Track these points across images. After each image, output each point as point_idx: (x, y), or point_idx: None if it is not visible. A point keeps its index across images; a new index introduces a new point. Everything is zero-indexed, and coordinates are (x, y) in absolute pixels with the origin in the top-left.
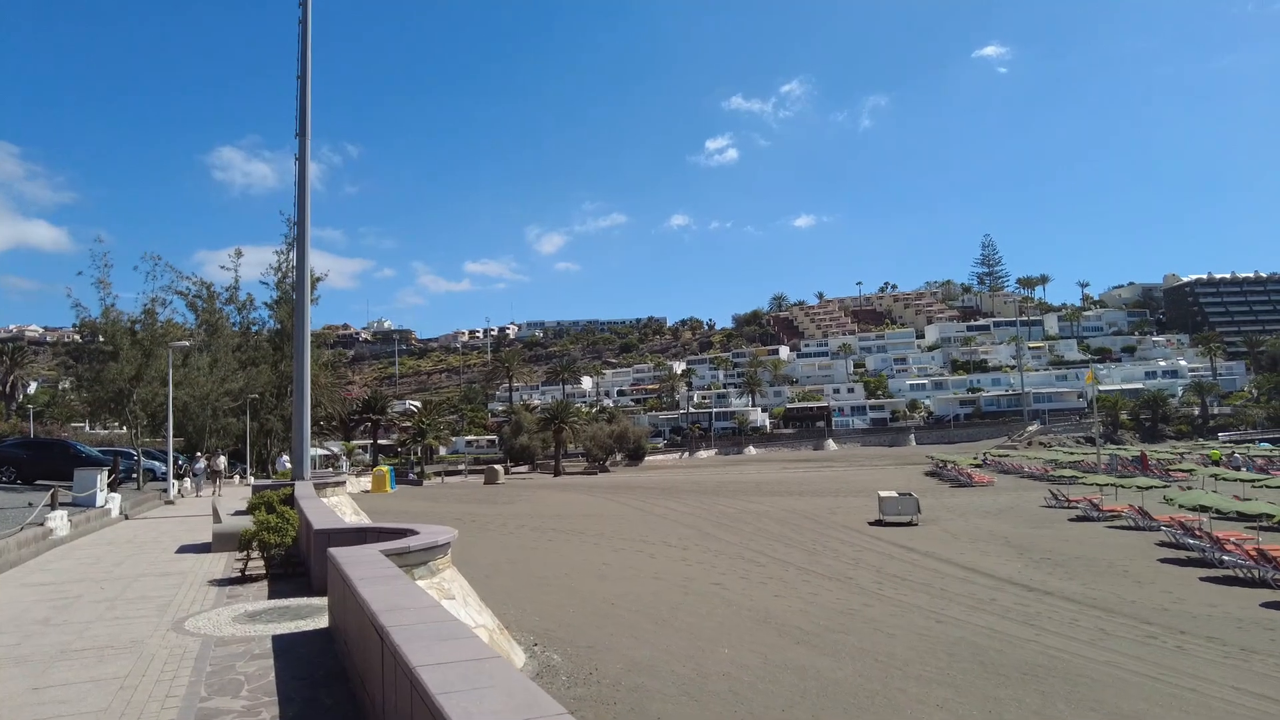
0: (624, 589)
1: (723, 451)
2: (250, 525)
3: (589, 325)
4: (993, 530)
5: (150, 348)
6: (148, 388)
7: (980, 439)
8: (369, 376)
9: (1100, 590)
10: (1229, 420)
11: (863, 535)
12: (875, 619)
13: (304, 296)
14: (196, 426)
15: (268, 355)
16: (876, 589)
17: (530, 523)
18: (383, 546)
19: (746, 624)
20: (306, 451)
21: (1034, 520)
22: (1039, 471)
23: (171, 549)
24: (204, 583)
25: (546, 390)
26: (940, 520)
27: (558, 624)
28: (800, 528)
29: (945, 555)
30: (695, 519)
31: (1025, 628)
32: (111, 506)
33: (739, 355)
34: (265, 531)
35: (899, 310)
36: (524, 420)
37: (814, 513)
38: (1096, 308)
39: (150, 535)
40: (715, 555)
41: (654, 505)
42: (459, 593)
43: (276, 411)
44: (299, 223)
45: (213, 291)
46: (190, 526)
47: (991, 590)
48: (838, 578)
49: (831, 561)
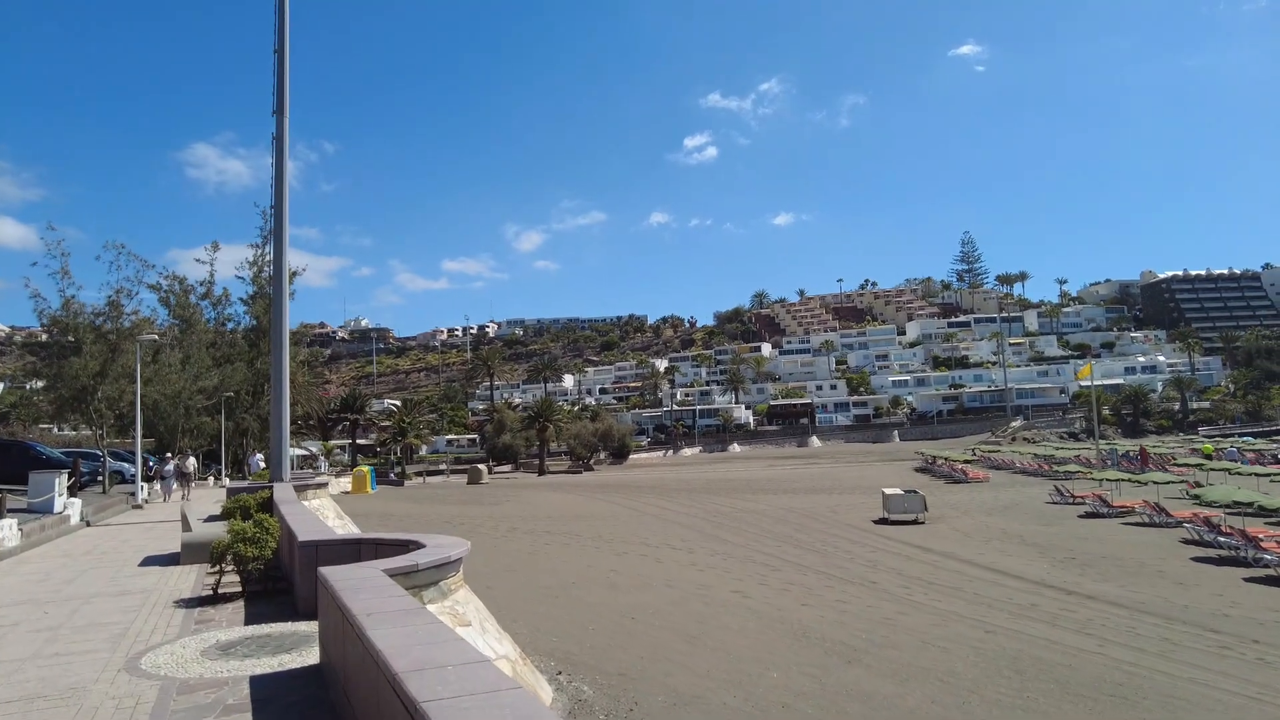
0: (639, 599)
1: (707, 449)
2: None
3: (569, 323)
4: (1004, 528)
5: (116, 342)
6: (114, 384)
7: (964, 435)
8: (346, 375)
9: (1142, 593)
10: (1208, 415)
11: (871, 534)
12: (918, 629)
13: (281, 284)
14: (168, 426)
15: (243, 352)
16: (905, 594)
17: (523, 525)
18: (386, 565)
19: (784, 639)
20: (286, 451)
21: (1042, 517)
22: (1032, 467)
23: (134, 561)
24: (169, 603)
25: (528, 388)
26: (946, 518)
27: (578, 645)
28: (804, 527)
29: (965, 555)
30: (693, 519)
31: (1083, 637)
32: (71, 513)
33: (721, 353)
34: (241, 543)
35: (880, 307)
36: (507, 419)
37: (814, 511)
38: (1075, 304)
39: (112, 544)
40: (725, 559)
41: (647, 505)
42: (475, 617)
43: (253, 410)
44: (276, 206)
45: (186, 286)
46: (158, 534)
47: (1028, 594)
48: (860, 582)
49: (847, 564)
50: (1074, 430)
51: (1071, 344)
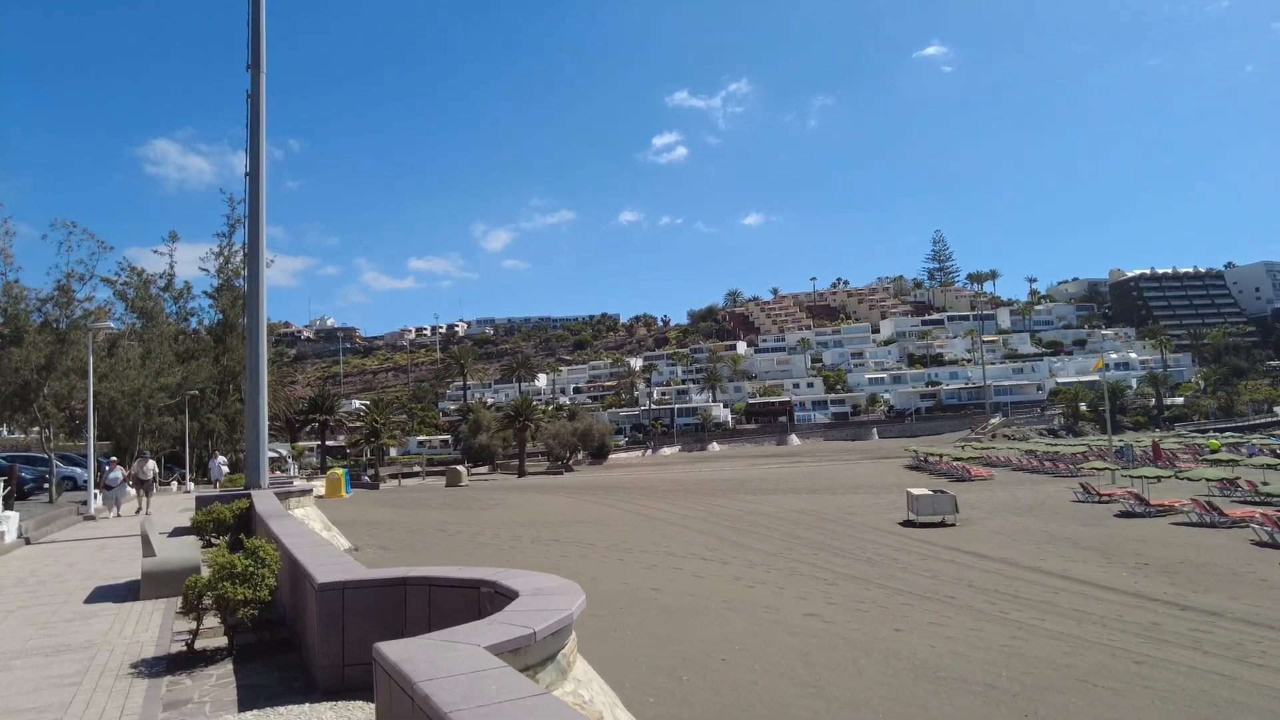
0: (710, 629)
1: (686, 448)
2: (195, 558)
3: (540, 322)
4: (1044, 530)
5: (66, 332)
6: (62, 380)
7: (943, 432)
8: (312, 376)
9: (1262, 606)
10: (1183, 411)
11: (907, 539)
12: (1051, 660)
13: (258, 255)
14: (126, 426)
15: (209, 348)
16: (999, 612)
17: (524, 532)
18: (488, 641)
19: (917, 682)
20: (263, 453)
21: (1076, 517)
22: (1032, 464)
23: (80, 594)
24: (124, 669)
25: (500, 388)
26: (973, 519)
27: (689, 708)
28: (829, 532)
29: (1025, 561)
30: (705, 523)
31: (1253, 668)
32: (6, 528)
33: (697, 351)
34: (228, 582)
35: (853, 305)
36: (484, 418)
37: (827, 513)
38: (1045, 302)
39: (54, 569)
40: (766, 570)
41: (646, 507)
42: (599, 697)
43: (219, 410)
44: (252, 174)
45: (146, 278)
46: (112, 553)
47: (1134, 610)
48: (935, 598)
49: (906, 574)
50: (1053, 427)
51: (1044, 341)
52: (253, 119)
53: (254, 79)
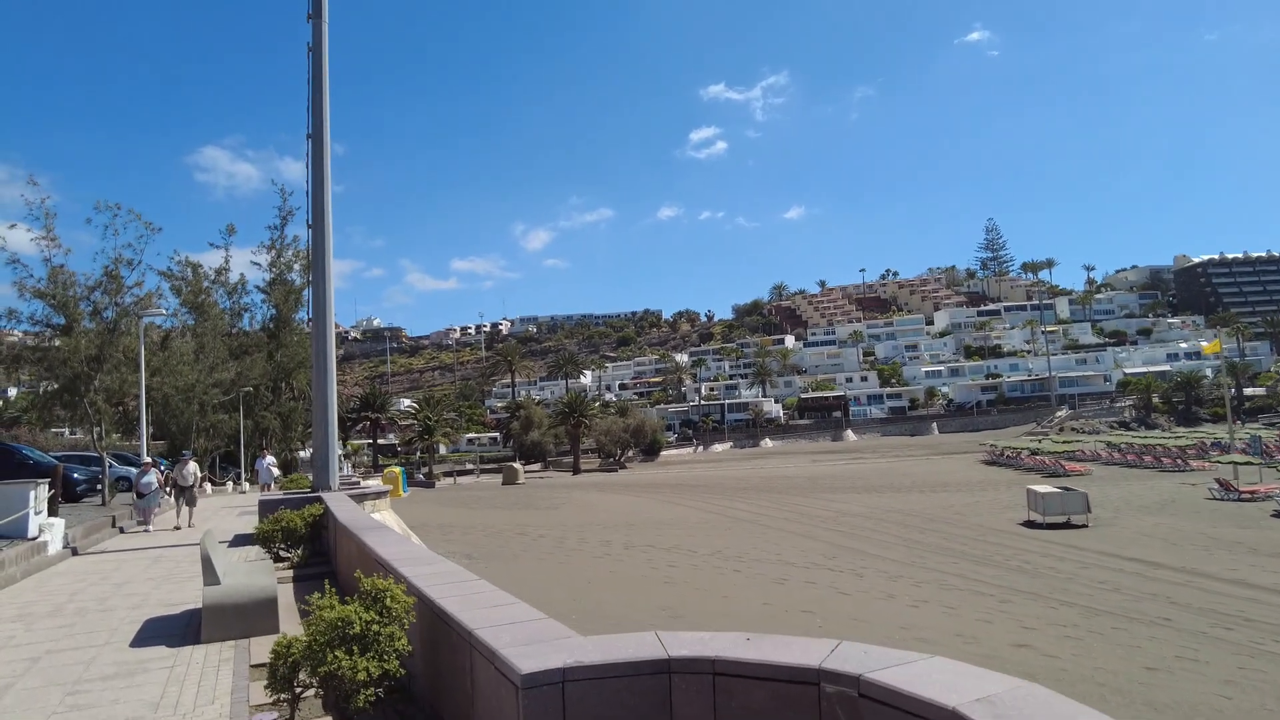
0: None
1: (738, 444)
2: (276, 597)
3: (583, 320)
4: (1202, 532)
5: (115, 320)
6: (113, 373)
7: (1006, 426)
8: (359, 375)
9: None
10: (1265, 402)
11: (1046, 543)
12: None
13: (323, 224)
14: (181, 424)
15: (262, 344)
16: (1252, 642)
17: (611, 536)
18: None
19: None
20: (334, 451)
21: (1225, 516)
22: (1127, 458)
23: (127, 629)
24: None
25: (545, 385)
26: (1106, 520)
27: None
28: (949, 535)
29: (1208, 570)
30: (799, 525)
31: None
32: (50, 537)
33: (745, 345)
34: (340, 650)
35: (904, 297)
36: (535, 415)
37: (931, 513)
38: (1105, 290)
39: (98, 590)
40: (915, 584)
41: (725, 508)
42: None
43: (273, 407)
44: (315, 132)
45: (200, 271)
46: (168, 569)
47: None
48: (1148, 620)
49: (1078, 587)
50: (1124, 419)
51: (1106, 331)
52: (315, 74)
53: (315, 29)
